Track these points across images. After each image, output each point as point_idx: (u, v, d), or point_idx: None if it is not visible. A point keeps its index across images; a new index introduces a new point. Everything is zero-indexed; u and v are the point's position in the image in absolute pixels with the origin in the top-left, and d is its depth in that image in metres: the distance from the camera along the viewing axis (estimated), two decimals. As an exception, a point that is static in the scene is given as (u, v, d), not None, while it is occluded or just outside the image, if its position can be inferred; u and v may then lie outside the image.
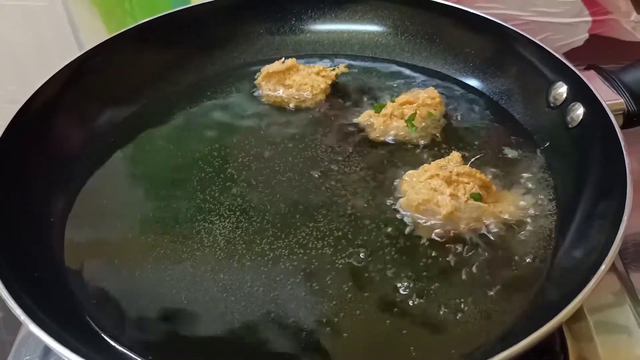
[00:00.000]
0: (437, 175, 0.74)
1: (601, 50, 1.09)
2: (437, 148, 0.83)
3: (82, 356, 0.54)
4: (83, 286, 0.69)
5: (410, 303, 0.65)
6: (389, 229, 0.72)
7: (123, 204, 0.79)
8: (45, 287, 0.66)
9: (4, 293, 0.59)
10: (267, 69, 0.94)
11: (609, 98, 0.78)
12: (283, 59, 0.94)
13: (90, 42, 0.92)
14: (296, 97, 0.92)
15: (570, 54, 1.08)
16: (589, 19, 1.06)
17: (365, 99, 0.92)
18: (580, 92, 0.79)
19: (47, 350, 0.70)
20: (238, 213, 0.76)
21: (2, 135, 0.75)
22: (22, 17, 1.09)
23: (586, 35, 1.08)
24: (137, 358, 0.62)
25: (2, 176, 0.73)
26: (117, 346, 0.63)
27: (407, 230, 0.72)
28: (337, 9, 1.03)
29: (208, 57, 1.00)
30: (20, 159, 0.77)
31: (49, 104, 0.83)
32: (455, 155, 0.77)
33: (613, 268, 0.74)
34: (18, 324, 0.71)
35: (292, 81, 0.93)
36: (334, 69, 0.95)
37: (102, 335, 0.64)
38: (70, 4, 1.07)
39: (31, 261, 0.68)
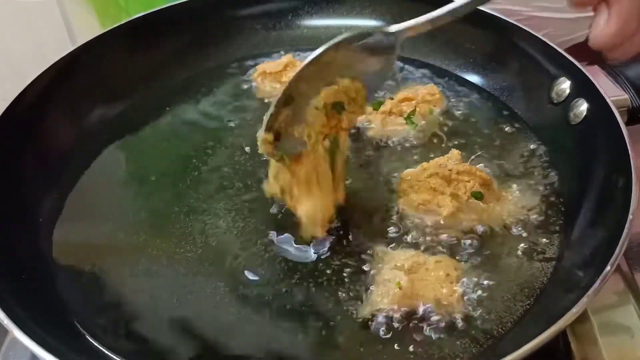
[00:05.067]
0: (437, 173, 0.72)
1: (604, 46, 1.08)
2: (436, 146, 0.82)
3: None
4: (71, 289, 0.68)
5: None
6: (389, 227, 0.71)
7: (114, 204, 0.77)
8: (32, 290, 0.65)
9: (-12, 298, 0.58)
10: (263, 68, 0.93)
11: (613, 94, 0.77)
12: (281, 54, 0.93)
13: (85, 39, 0.91)
14: (293, 94, 0.91)
15: (572, 50, 1.06)
16: (592, 14, 1.05)
17: (363, 96, 0.91)
18: (584, 87, 0.77)
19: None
20: (233, 213, 0.74)
21: (-10, 133, 0.74)
22: (15, 14, 1.08)
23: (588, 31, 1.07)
24: (127, 364, 0.61)
25: (-11, 175, 0.72)
26: (106, 351, 0.61)
27: (407, 228, 0.71)
28: (335, 4, 1.02)
29: (202, 53, 0.98)
30: (9, 157, 0.75)
31: (39, 101, 0.81)
32: (455, 153, 0.76)
33: (617, 268, 0.71)
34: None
35: (289, 78, 0.91)
36: None
37: (90, 340, 0.62)
38: (64, 1, 1.06)
39: (18, 263, 0.67)
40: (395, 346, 0.60)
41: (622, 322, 0.67)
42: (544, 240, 0.69)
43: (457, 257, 0.67)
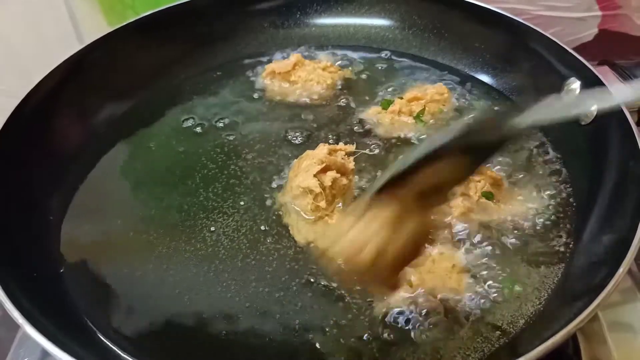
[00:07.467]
0: (447, 173, 0.72)
1: (610, 46, 1.08)
2: (446, 145, 0.81)
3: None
4: (82, 287, 0.67)
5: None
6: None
7: (123, 202, 0.77)
8: (43, 287, 0.65)
9: (1, 295, 0.57)
10: (272, 67, 0.92)
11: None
12: (290, 55, 0.92)
13: (91, 36, 0.90)
14: (301, 93, 0.90)
15: (579, 49, 1.06)
16: (599, 13, 1.05)
17: (372, 95, 0.90)
18: (594, 88, 0.76)
19: (46, 352, 0.68)
20: (242, 211, 0.74)
21: (-1, 131, 0.73)
22: (22, 11, 1.07)
23: (595, 30, 1.07)
24: (136, 361, 0.61)
25: (-1, 173, 0.71)
26: (115, 348, 0.62)
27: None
28: (344, 2, 1.01)
29: (210, 51, 0.97)
30: (18, 155, 0.75)
31: (48, 100, 0.81)
32: (465, 153, 0.76)
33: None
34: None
35: (298, 77, 0.91)
36: (340, 69, 0.94)
37: (100, 336, 0.63)
38: (71, -3, 1.05)
39: (29, 261, 0.67)
40: (408, 343, 0.60)
41: (631, 321, 0.67)
42: (555, 240, 0.69)
43: (464, 253, 0.67)
